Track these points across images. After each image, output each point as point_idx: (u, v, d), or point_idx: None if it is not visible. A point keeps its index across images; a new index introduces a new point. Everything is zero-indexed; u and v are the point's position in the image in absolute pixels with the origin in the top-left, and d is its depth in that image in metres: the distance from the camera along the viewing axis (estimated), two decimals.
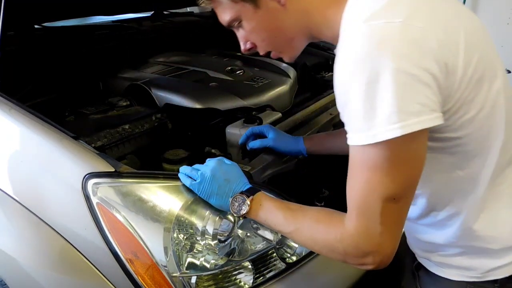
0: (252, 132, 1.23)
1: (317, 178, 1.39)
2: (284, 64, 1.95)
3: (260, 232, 1.01)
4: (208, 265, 0.94)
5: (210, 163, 0.92)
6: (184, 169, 0.94)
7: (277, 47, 0.87)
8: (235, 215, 0.87)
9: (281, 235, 1.04)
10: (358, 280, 1.09)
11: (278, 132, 1.22)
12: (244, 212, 0.85)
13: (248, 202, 0.85)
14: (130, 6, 2.03)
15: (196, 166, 0.94)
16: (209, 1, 0.83)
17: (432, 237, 0.84)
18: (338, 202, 1.54)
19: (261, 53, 0.89)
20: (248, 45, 0.90)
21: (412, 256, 0.97)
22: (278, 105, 1.64)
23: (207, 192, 0.89)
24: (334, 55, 2.35)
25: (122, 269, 0.90)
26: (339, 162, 1.54)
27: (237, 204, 0.86)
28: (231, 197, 0.87)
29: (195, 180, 0.90)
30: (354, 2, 0.70)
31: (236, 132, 1.30)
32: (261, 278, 1.00)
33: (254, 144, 1.21)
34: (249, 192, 0.87)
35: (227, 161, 0.93)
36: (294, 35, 0.83)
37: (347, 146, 0.68)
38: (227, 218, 0.95)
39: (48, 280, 0.96)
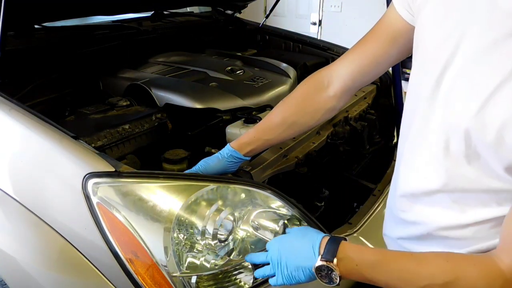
0: None
1: (317, 178, 1.39)
2: (284, 64, 1.95)
3: (260, 232, 1.01)
4: (208, 265, 0.94)
5: (274, 243, 0.83)
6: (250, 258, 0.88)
7: None
8: (331, 286, 0.74)
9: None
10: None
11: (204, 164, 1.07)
12: (338, 281, 0.73)
13: (335, 268, 0.72)
14: (130, 6, 2.02)
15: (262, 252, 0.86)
16: None
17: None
18: (338, 202, 1.54)
19: None
20: None
21: None
22: None
23: (288, 276, 0.78)
24: (334, 55, 2.37)
25: (122, 269, 0.90)
26: (339, 162, 1.55)
27: (324, 273, 0.73)
28: (313, 268, 0.75)
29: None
30: None
31: (236, 132, 1.30)
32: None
33: None
34: (330, 253, 0.73)
35: (289, 230, 0.86)
36: None
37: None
38: (227, 218, 0.95)
39: (48, 280, 0.96)
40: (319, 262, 0.73)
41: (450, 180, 0.72)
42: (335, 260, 0.72)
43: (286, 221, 1.06)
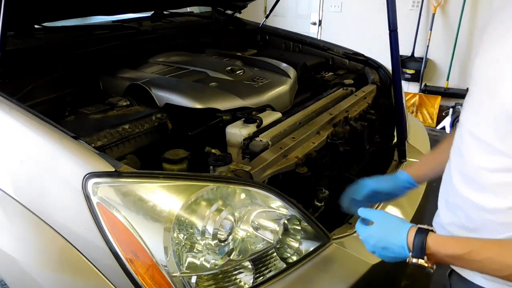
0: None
1: (317, 178, 1.39)
2: (284, 64, 1.95)
3: (260, 232, 1.01)
4: (208, 265, 0.94)
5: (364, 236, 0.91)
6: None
7: None
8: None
9: (281, 235, 1.04)
10: (358, 280, 1.09)
11: (376, 180, 1.17)
12: (431, 271, 0.81)
13: (426, 265, 0.80)
14: (130, 6, 2.02)
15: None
16: None
17: None
18: (338, 202, 1.54)
19: None
20: None
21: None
22: (278, 105, 1.64)
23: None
24: (334, 55, 2.36)
25: (122, 269, 0.90)
26: (338, 162, 1.55)
27: (417, 265, 0.81)
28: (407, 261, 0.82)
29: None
30: None
31: (236, 132, 1.30)
32: (261, 278, 1.00)
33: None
34: (419, 251, 0.80)
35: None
36: None
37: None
38: (227, 218, 0.95)
39: (48, 280, 0.96)
40: (412, 260, 0.81)
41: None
42: (425, 258, 0.79)
43: (286, 221, 1.06)
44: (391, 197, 1.19)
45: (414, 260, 0.80)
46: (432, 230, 0.82)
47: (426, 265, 0.80)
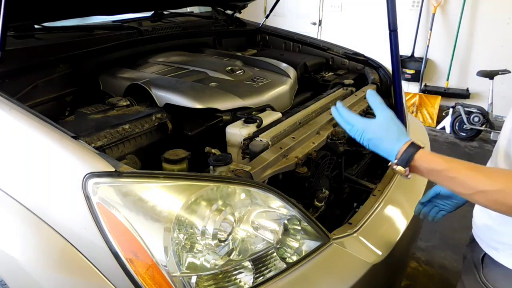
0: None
1: (317, 178, 1.39)
2: (284, 64, 1.95)
3: (260, 232, 1.01)
4: (208, 265, 0.94)
5: (360, 123, 0.97)
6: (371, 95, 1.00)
7: None
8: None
9: (281, 235, 1.04)
10: (358, 280, 1.09)
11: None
12: (407, 178, 0.90)
13: (404, 174, 0.90)
14: (130, 6, 2.02)
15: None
16: None
17: None
18: (338, 202, 1.54)
19: None
20: None
21: (471, 247, 1.05)
22: (278, 105, 1.65)
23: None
24: (334, 55, 2.37)
25: (122, 269, 0.90)
26: (338, 162, 1.55)
27: (395, 170, 0.90)
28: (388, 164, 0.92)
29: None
30: None
31: (236, 132, 1.30)
32: (261, 278, 1.00)
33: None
34: (404, 162, 0.89)
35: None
36: None
37: None
38: (227, 218, 0.95)
39: (48, 280, 0.96)
40: (392, 165, 0.91)
41: None
42: (407, 169, 0.89)
43: (286, 221, 1.06)
44: (453, 205, 1.20)
45: (394, 167, 0.91)
46: (422, 148, 0.90)
47: (403, 172, 0.89)
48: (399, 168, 0.90)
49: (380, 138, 0.93)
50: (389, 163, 0.93)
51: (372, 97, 0.99)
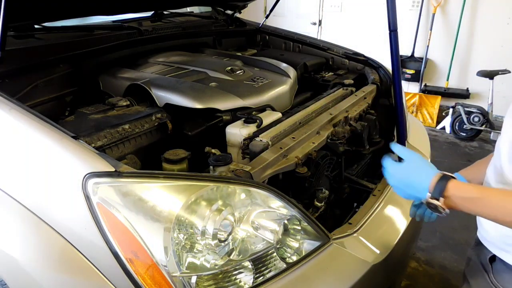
0: None
1: (317, 178, 1.39)
2: (284, 64, 1.95)
3: (260, 232, 1.01)
4: (208, 265, 0.94)
5: (390, 169, 0.99)
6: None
7: None
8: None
9: (281, 235, 1.04)
10: (358, 280, 1.09)
11: None
12: (444, 213, 0.89)
13: (440, 206, 0.88)
14: (130, 6, 2.02)
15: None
16: None
17: None
18: (338, 202, 1.54)
19: None
20: None
21: (477, 250, 1.05)
22: (278, 105, 1.65)
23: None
24: (334, 55, 2.37)
25: (122, 269, 0.90)
26: (338, 162, 1.55)
27: (432, 206, 0.89)
28: (424, 201, 0.91)
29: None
30: None
31: (236, 132, 1.30)
32: (261, 278, 1.00)
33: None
34: (437, 192, 0.88)
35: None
36: None
37: None
38: (227, 218, 0.95)
39: (48, 280, 0.96)
40: (428, 199, 0.89)
41: None
42: (441, 199, 0.87)
43: (286, 221, 1.06)
44: None
45: (430, 200, 0.88)
46: (454, 177, 0.89)
47: (441, 205, 0.87)
48: (436, 201, 0.88)
49: (410, 174, 0.95)
50: (424, 200, 0.91)
51: (397, 148, 1.03)
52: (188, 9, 2.63)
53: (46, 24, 1.80)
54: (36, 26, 1.75)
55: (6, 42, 1.22)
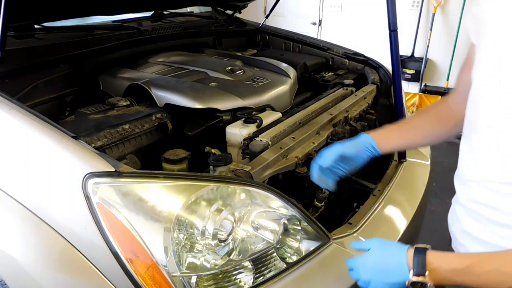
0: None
1: None
2: (284, 64, 1.95)
3: (260, 232, 1.01)
4: (208, 265, 0.94)
5: (358, 264, 0.89)
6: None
7: None
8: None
9: (281, 235, 1.04)
10: None
11: (343, 144, 1.14)
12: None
13: (428, 281, 0.76)
14: (130, 6, 2.02)
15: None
16: None
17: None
18: (338, 202, 1.54)
19: None
20: None
21: None
22: (278, 105, 1.65)
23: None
24: (334, 55, 2.36)
25: (122, 269, 0.90)
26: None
27: (418, 286, 0.77)
28: (408, 283, 0.79)
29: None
30: None
31: (236, 132, 1.30)
32: (261, 278, 1.00)
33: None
34: (420, 267, 0.77)
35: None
36: None
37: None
38: (227, 218, 0.95)
39: (48, 280, 0.96)
40: (413, 278, 0.77)
41: None
42: (427, 273, 0.76)
43: (286, 221, 1.06)
44: (356, 164, 1.13)
45: (415, 278, 0.77)
46: (428, 248, 0.79)
47: (428, 282, 0.76)
48: (421, 278, 0.76)
49: (382, 259, 0.84)
50: (407, 282, 0.79)
51: (356, 245, 0.96)
52: (188, 9, 2.63)
53: (46, 24, 1.80)
54: (36, 26, 1.75)
55: (6, 42, 1.22)
